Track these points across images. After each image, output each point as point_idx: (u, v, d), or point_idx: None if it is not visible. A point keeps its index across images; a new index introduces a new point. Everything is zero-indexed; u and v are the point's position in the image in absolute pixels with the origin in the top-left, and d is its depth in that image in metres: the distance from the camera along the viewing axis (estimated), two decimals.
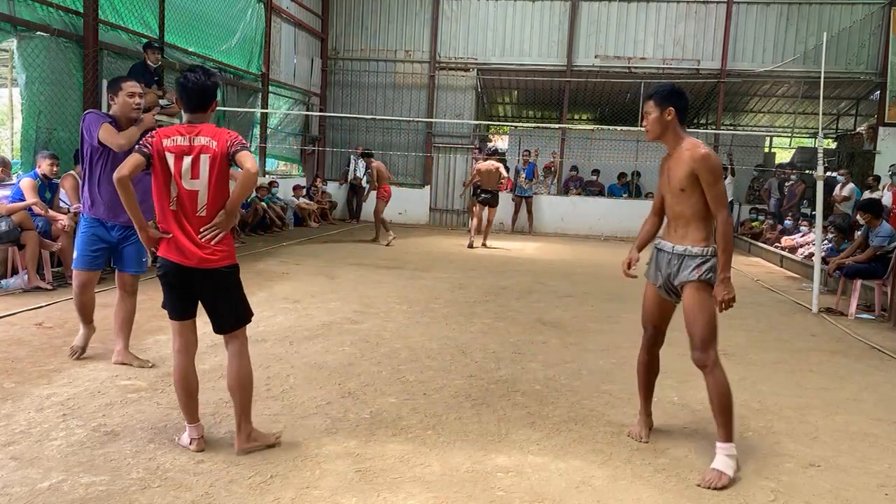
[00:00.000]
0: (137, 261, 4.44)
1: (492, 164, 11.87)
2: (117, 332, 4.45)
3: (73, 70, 8.03)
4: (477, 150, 15.33)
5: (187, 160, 3.01)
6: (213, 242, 3.06)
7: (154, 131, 3.13)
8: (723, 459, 3.14)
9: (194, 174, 3.02)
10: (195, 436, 3.19)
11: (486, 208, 11.92)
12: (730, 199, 12.77)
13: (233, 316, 3.19)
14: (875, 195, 10.76)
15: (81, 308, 4.48)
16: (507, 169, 16.87)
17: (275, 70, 13.93)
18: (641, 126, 3.58)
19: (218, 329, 3.20)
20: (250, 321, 3.25)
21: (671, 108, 3.26)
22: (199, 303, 3.21)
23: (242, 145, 3.06)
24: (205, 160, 3.02)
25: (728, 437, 3.18)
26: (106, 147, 4.19)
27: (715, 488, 3.02)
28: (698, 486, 3.05)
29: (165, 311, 3.25)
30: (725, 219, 3.16)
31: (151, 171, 3.06)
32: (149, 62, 8.35)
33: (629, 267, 3.48)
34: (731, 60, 15.15)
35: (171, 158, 3.02)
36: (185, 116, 3.13)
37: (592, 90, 16.75)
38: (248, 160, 3.00)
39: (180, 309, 3.20)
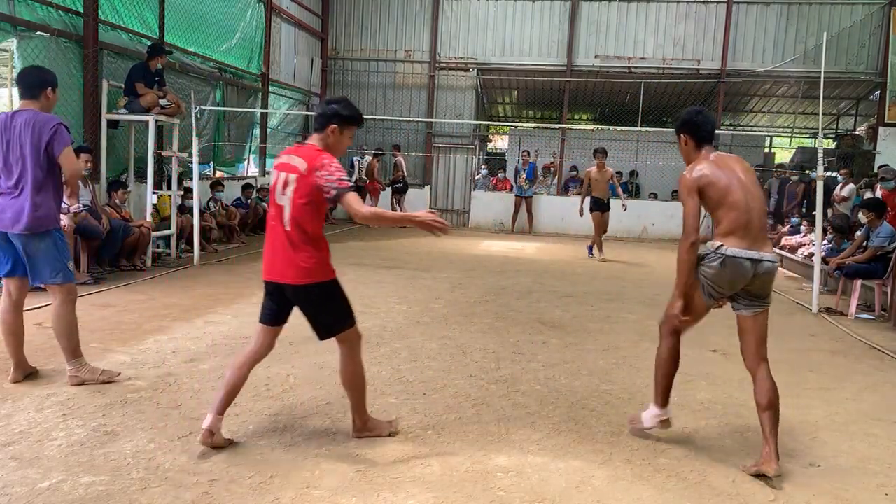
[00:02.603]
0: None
1: (594, 170, 11.09)
2: (18, 355, 3.97)
3: (73, 70, 8.03)
4: (395, 148, 15.30)
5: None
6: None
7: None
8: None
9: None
10: (204, 425, 3.13)
11: (602, 214, 11.17)
12: None
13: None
14: (868, 195, 10.71)
15: (75, 328, 4.00)
16: (504, 170, 17.00)
17: (275, 70, 13.93)
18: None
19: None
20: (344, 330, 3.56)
21: (681, 136, 3.43)
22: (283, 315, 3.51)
23: (339, 185, 3.16)
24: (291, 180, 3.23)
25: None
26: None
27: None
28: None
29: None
30: (681, 241, 3.37)
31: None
32: (150, 63, 8.33)
33: None
34: (731, 60, 15.15)
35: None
36: None
37: (592, 90, 16.75)
38: (354, 203, 3.18)
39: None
